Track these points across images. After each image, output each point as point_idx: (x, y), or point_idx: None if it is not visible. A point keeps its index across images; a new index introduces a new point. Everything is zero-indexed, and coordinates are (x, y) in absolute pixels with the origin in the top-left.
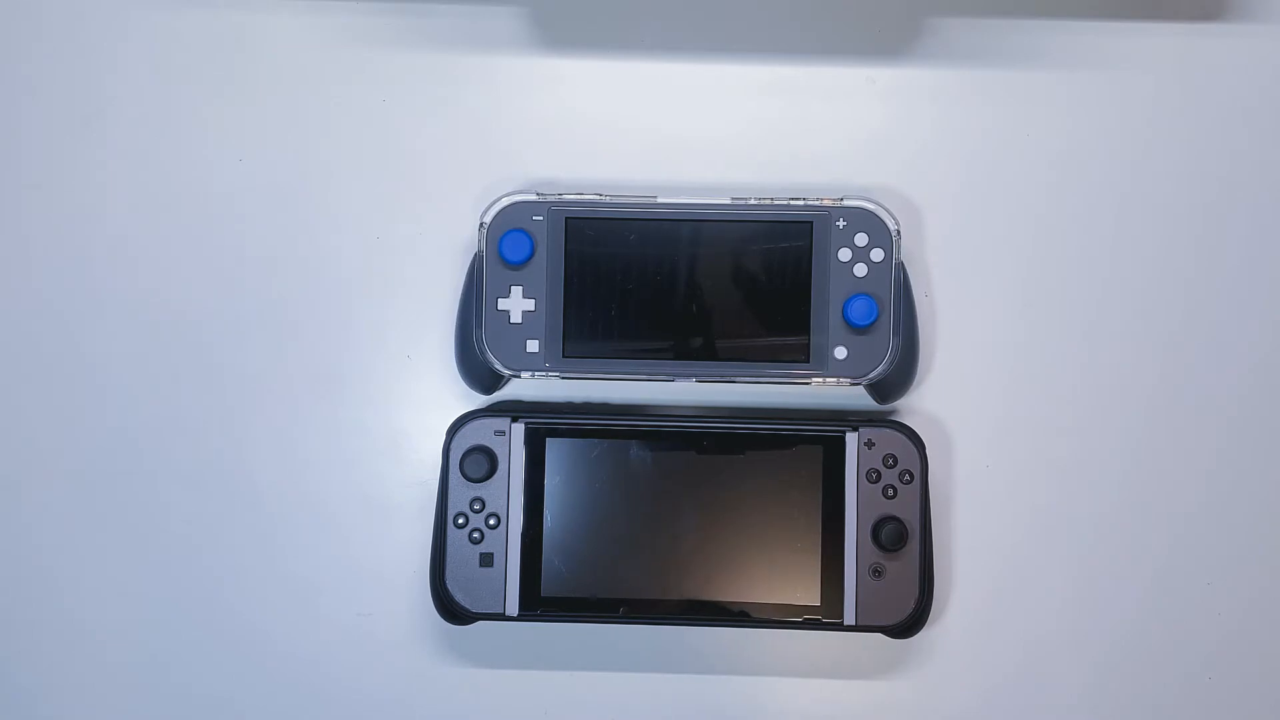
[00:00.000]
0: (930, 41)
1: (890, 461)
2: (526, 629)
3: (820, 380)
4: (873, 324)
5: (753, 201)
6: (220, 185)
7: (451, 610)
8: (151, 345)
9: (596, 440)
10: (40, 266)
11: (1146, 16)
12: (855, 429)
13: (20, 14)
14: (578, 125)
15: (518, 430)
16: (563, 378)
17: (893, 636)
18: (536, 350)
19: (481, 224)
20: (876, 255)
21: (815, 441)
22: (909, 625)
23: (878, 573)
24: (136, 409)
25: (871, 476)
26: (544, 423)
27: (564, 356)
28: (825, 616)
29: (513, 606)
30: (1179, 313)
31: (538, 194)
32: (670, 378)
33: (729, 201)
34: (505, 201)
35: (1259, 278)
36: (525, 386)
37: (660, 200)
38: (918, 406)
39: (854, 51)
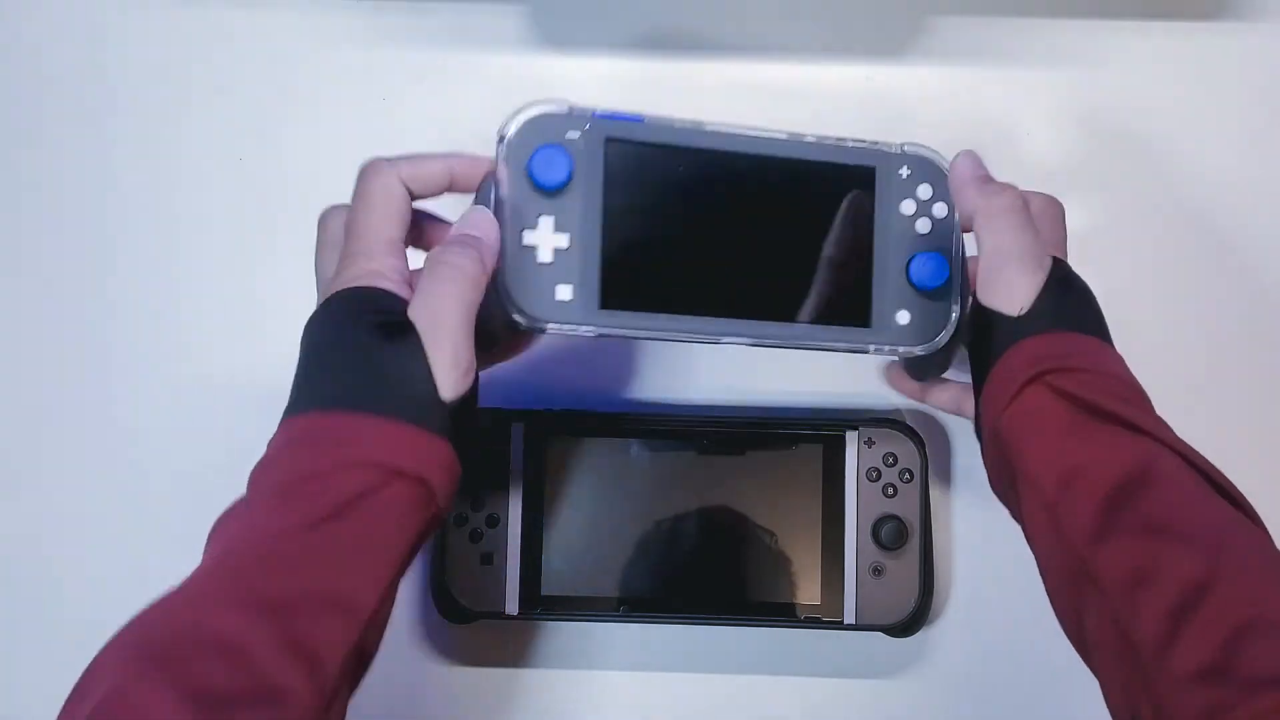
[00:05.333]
0: (930, 40)
1: (890, 460)
2: (526, 627)
3: (879, 349)
4: (941, 286)
5: (810, 140)
6: (220, 184)
7: (451, 609)
8: (150, 343)
9: (596, 440)
10: (40, 267)
11: (1147, 16)
12: (855, 428)
13: (21, 13)
14: None
15: (517, 430)
16: (598, 335)
17: (893, 635)
18: (569, 298)
19: (501, 136)
20: (939, 210)
21: (815, 440)
22: (909, 624)
23: (878, 571)
24: (135, 408)
25: (871, 475)
26: (544, 423)
27: (601, 308)
28: (825, 616)
29: (512, 605)
30: (1179, 311)
31: (571, 107)
32: (717, 338)
33: (785, 137)
34: (533, 112)
35: (1259, 276)
36: (530, 372)
37: (710, 127)
38: (917, 405)
39: (854, 51)
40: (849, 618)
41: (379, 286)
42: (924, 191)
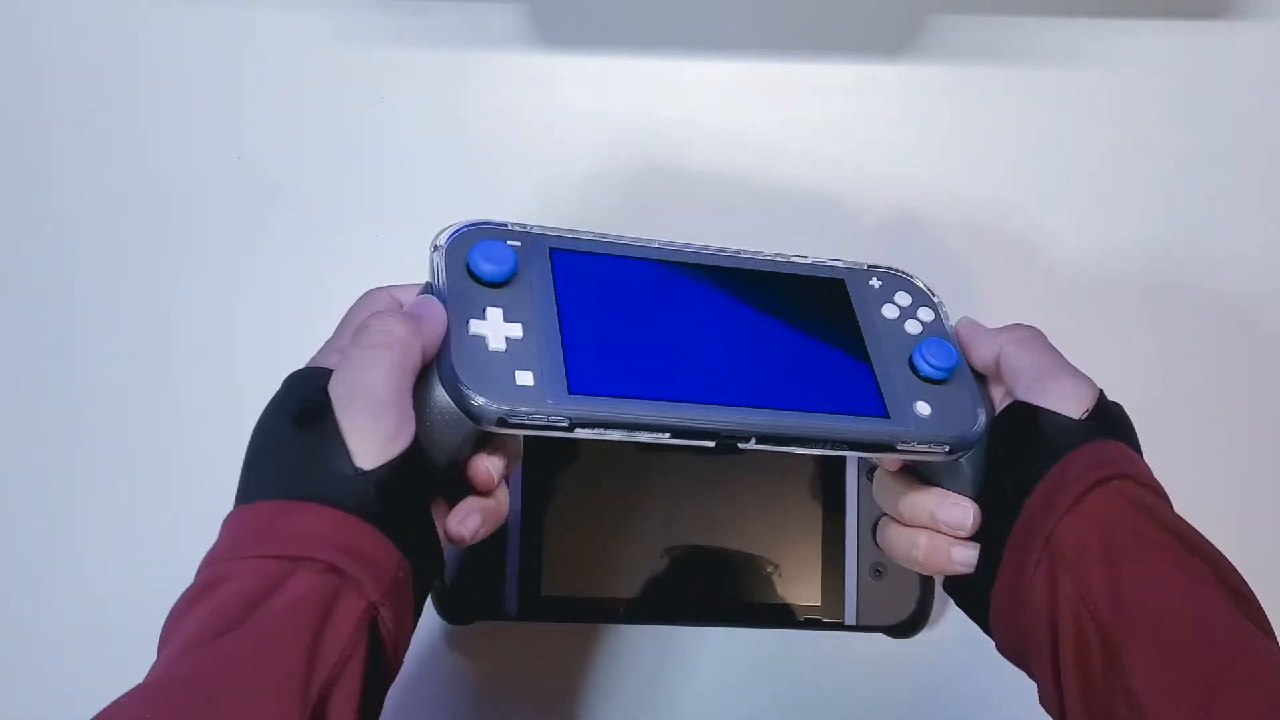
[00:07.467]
0: (932, 39)
1: None
2: (526, 628)
3: (908, 446)
4: (954, 368)
5: (769, 257)
6: (218, 182)
7: (451, 609)
8: (150, 342)
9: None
10: (42, 266)
11: (1150, 14)
12: None
13: (21, 12)
14: (577, 121)
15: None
16: (571, 425)
17: (893, 636)
18: (531, 383)
19: (435, 245)
20: (925, 314)
21: None
22: (910, 625)
23: (879, 571)
24: (134, 406)
25: (872, 474)
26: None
27: (572, 392)
28: (826, 617)
29: (512, 606)
30: (1181, 310)
31: (510, 224)
32: (712, 440)
33: (742, 254)
34: (470, 221)
35: (1262, 276)
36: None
37: (662, 246)
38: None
39: (856, 49)
40: (849, 618)
41: (325, 365)
42: (902, 299)
